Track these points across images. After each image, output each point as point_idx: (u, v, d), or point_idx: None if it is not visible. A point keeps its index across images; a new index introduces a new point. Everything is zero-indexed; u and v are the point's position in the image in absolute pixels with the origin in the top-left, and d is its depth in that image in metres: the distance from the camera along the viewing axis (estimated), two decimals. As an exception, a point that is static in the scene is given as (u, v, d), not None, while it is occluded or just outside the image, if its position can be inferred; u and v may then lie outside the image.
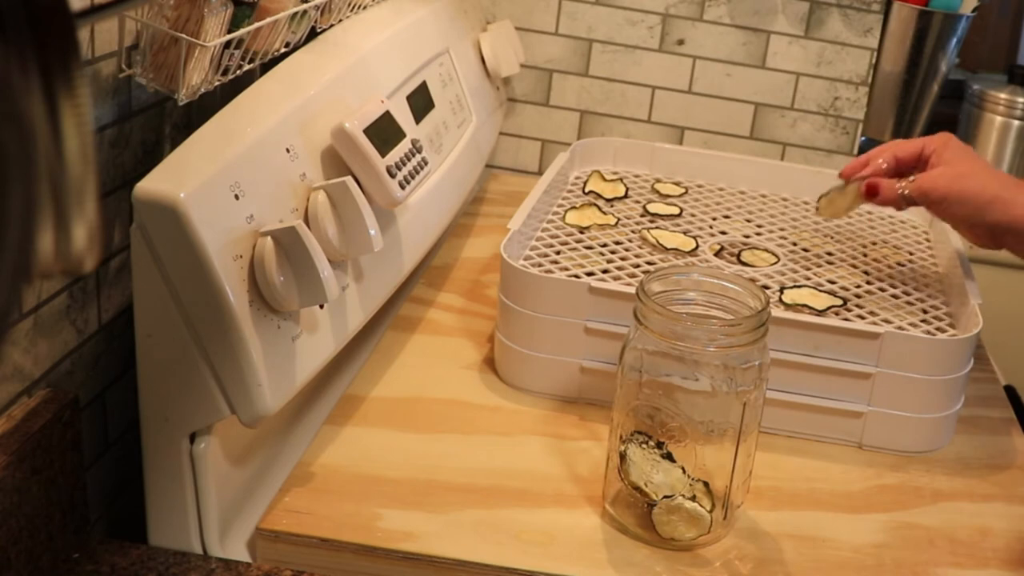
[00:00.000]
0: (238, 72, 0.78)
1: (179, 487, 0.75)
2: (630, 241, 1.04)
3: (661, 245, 1.03)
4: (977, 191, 0.90)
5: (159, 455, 0.75)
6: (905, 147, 0.97)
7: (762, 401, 0.77)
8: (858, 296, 0.98)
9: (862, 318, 0.93)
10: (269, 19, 0.78)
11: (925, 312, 0.96)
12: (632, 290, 0.85)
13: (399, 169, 0.85)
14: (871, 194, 0.95)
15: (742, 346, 0.74)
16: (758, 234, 1.10)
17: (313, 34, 0.90)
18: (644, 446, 0.75)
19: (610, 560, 0.76)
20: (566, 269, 0.97)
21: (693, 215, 1.13)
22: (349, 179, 0.77)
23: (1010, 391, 1.05)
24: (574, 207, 1.09)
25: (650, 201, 1.14)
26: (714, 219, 1.12)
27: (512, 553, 0.75)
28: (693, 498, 0.75)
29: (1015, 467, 0.91)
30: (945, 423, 0.91)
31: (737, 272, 0.99)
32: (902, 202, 0.94)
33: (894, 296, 0.99)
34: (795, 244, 1.08)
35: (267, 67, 0.84)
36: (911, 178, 0.93)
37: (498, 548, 0.75)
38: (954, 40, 1.31)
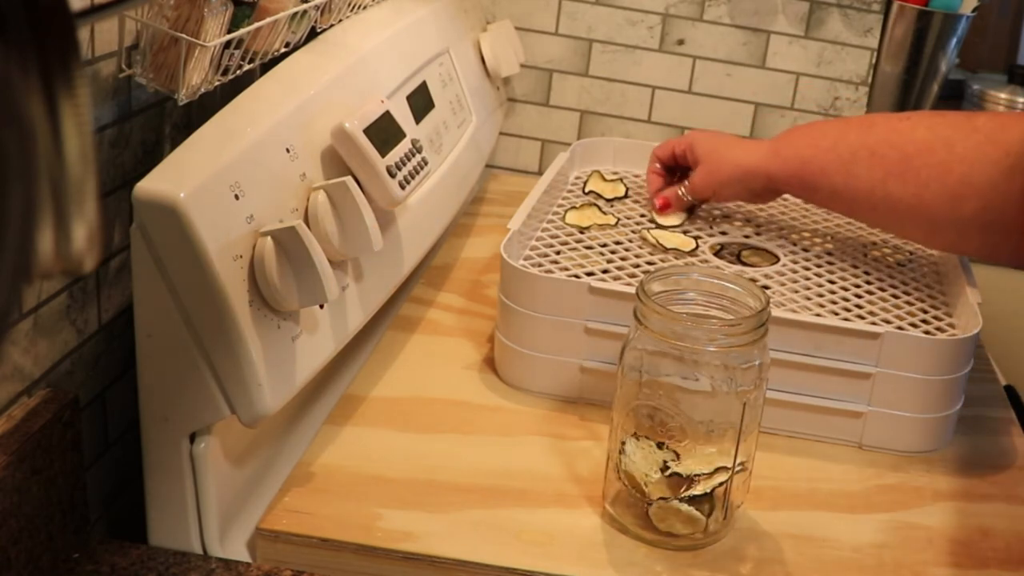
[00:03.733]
0: (238, 72, 0.78)
1: (179, 487, 0.75)
2: (630, 241, 1.04)
3: (661, 245, 1.03)
4: (730, 174, 1.05)
5: (159, 455, 0.75)
6: (662, 150, 1.13)
7: (762, 401, 0.77)
8: (858, 296, 0.98)
9: (862, 318, 0.93)
10: (269, 19, 0.78)
11: (925, 312, 0.96)
12: (632, 290, 0.85)
13: (399, 169, 0.85)
14: (664, 208, 1.10)
15: (742, 346, 0.74)
16: (758, 234, 1.10)
17: (313, 34, 0.90)
18: (644, 446, 0.75)
19: (610, 560, 0.76)
20: (566, 269, 0.97)
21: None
22: (349, 179, 0.77)
23: (1010, 391, 1.05)
24: (574, 207, 1.09)
25: None
26: (714, 219, 1.12)
27: (512, 553, 0.75)
28: (691, 499, 0.75)
29: (1015, 467, 0.91)
30: (945, 423, 0.91)
31: (737, 272, 0.99)
32: (690, 204, 1.11)
33: (894, 296, 0.98)
34: (795, 244, 1.08)
35: (267, 67, 0.84)
36: (686, 183, 1.09)
37: (498, 548, 0.75)
38: (954, 40, 1.31)
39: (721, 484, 0.76)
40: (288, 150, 0.77)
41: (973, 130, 0.90)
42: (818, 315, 0.93)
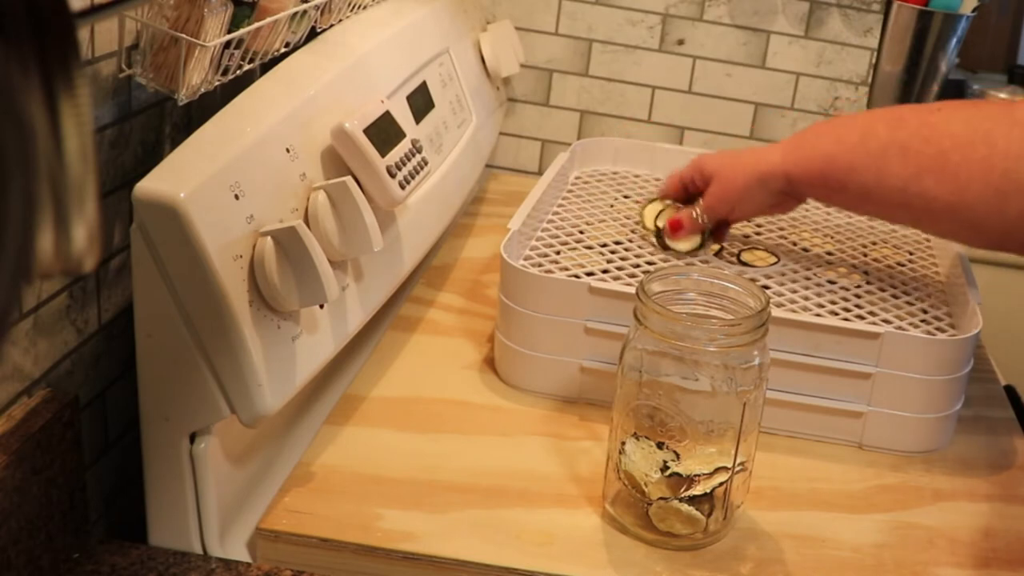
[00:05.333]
0: (238, 72, 0.78)
1: (179, 487, 0.75)
2: (630, 241, 1.04)
3: (661, 245, 1.03)
4: (746, 182, 0.97)
5: (159, 455, 0.75)
6: (671, 186, 1.05)
7: (762, 401, 0.77)
8: (858, 296, 0.98)
9: (862, 318, 0.93)
10: (269, 19, 0.78)
11: (925, 312, 0.96)
12: (632, 290, 0.85)
13: (399, 169, 0.85)
14: (676, 229, 1.02)
15: (742, 346, 0.74)
16: (758, 234, 1.10)
17: (313, 34, 0.90)
18: (644, 446, 0.75)
19: (610, 560, 0.76)
20: (566, 269, 0.97)
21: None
22: (349, 179, 0.77)
23: (1010, 391, 1.05)
24: (651, 200, 1.07)
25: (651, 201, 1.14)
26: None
27: (512, 553, 0.75)
28: (691, 499, 0.75)
29: (1015, 467, 0.91)
30: (945, 423, 0.91)
31: (737, 272, 0.99)
32: (705, 226, 1.02)
33: (894, 296, 0.98)
34: (795, 244, 1.08)
35: (267, 67, 0.84)
36: (700, 203, 1.01)
37: (498, 548, 0.75)
38: (954, 40, 1.31)
39: (721, 484, 0.76)
40: (288, 150, 0.77)
41: (1014, 123, 0.83)
42: (818, 315, 0.93)
